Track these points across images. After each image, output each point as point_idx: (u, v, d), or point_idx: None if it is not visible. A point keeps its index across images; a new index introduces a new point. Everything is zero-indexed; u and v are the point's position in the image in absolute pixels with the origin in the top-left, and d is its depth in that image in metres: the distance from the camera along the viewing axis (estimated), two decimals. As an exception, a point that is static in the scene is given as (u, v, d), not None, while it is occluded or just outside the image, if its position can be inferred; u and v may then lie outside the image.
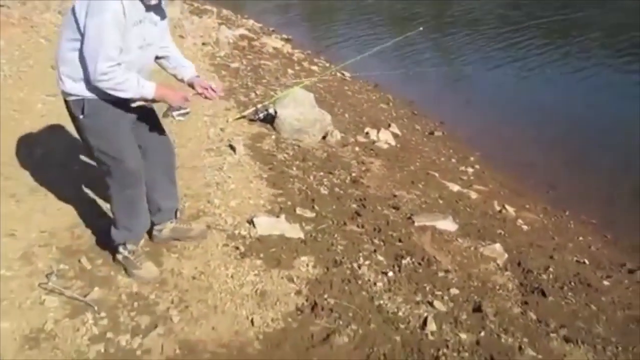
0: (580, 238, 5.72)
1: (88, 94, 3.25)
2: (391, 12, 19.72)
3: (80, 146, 5.23)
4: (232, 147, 5.92)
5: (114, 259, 3.82)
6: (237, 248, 4.13)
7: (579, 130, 8.43)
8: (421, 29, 11.44)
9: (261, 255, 4.08)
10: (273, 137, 6.54)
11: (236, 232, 4.34)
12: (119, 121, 3.42)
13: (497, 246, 4.80)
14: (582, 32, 13.88)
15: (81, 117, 3.31)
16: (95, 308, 3.36)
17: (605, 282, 4.63)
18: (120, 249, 3.73)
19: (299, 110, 6.73)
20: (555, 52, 12.49)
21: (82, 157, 5.11)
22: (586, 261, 5.09)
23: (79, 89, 3.24)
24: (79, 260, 3.78)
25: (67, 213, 4.34)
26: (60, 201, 4.48)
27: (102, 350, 3.10)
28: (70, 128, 5.81)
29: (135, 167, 3.53)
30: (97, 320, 3.30)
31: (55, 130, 5.68)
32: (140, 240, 3.87)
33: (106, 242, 3.87)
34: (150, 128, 3.68)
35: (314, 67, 12.04)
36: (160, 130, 3.75)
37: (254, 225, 4.41)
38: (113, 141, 3.42)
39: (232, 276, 3.81)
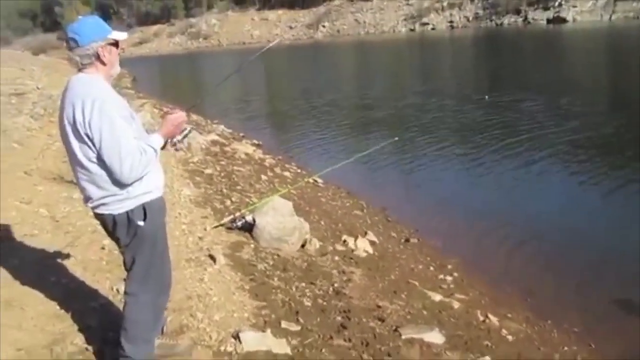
0: (566, 348, 5.65)
1: (146, 198, 3.23)
2: (348, 116, 20.26)
3: (56, 256, 5.14)
4: (211, 257, 5.80)
5: None
6: (224, 366, 3.96)
7: (552, 234, 8.46)
8: (396, 138, 11.68)
9: (249, 373, 3.91)
10: (252, 245, 6.46)
11: (222, 348, 4.16)
12: (164, 220, 3.46)
13: (487, 359, 4.72)
14: (551, 133, 14.17)
15: (142, 224, 3.22)
16: None
17: (598, 396, 4.56)
18: None
19: (278, 219, 6.70)
20: (524, 156, 12.70)
21: (59, 268, 4.95)
22: (575, 373, 5.02)
23: (135, 194, 3.19)
24: (59, 382, 3.56)
25: (45, 329, 4.10)
26: (37, 316, 4.25)
27: None
28: (45, 237, 5.75)
29: (170, 270, 3.60)
30: None
31: (30, 239, 5.54)
32: None
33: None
34: None
35: (286, 173, 12.15)
36: None
37: (239, 341, 4.24)
38: (162, 243, 3.45)
39: (220, 397, 3.63)
